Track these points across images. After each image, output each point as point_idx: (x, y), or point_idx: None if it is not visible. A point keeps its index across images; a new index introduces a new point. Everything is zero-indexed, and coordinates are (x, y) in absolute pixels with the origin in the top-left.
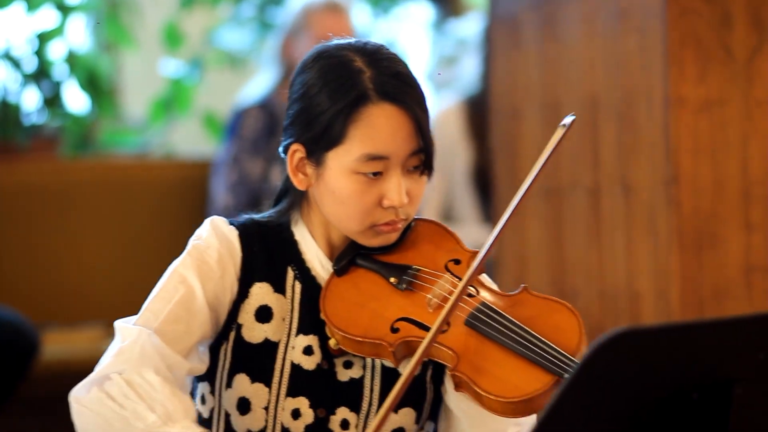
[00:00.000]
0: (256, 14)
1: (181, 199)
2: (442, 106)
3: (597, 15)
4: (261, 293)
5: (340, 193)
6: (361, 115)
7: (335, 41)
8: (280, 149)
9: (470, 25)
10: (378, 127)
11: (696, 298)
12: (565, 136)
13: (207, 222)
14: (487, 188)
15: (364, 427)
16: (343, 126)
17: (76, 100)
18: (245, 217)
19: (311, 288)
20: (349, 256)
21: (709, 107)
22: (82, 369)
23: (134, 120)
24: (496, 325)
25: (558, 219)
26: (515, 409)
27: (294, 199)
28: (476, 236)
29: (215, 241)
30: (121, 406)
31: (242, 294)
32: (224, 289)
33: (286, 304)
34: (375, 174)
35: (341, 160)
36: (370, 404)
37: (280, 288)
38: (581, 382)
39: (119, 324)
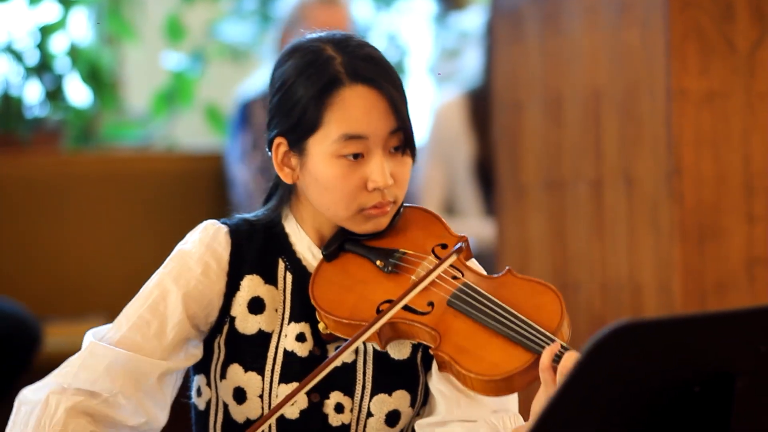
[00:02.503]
0: (257, 7)
1: (184, 192)
2: (444, 99)
3: (599, 8)
4: (252, 285)
5: (325, 179)
6: (334, 99)
7: (308, 35)
8: (266, 146)
9: (472, 18)
10: (352, 108)
11: (698, 290)
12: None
13: (198, 226)
14: (489, 181)
15: (359, 410)
16: (318, 111)
17: (78, 93)
18: (237, 217)
19: (302, 277)
20: (338, 242)
21: (711, 99)
22: None
23: (136, 113)
24: (477, 305)
25: (560, 211)
26: (496, 387)
27: (283, 195)
28: (478, 229)
29: (198, 240)
30: (26, 422)
31: (232, 287)
32: (210, 284)
33: (278, 295)
34: (356, 156)
35: (322, 146)
36: (363, 387)
37: (271, 280)
38: (583, 375)
39: (88, 333)
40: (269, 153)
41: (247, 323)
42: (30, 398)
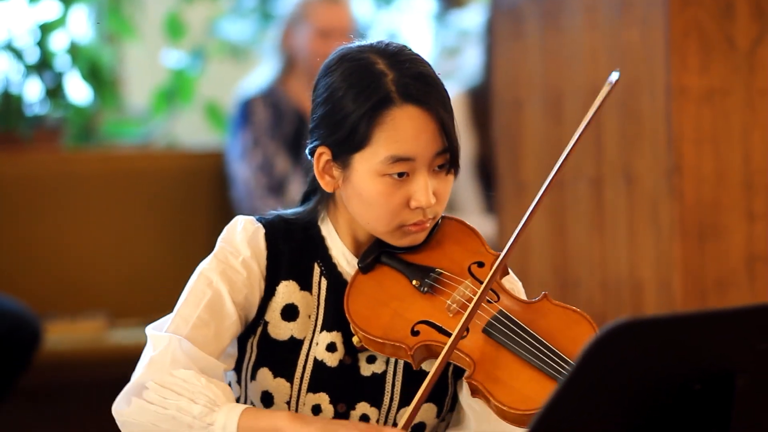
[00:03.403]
0: (257, 5)
1: (184, 190)
2: None
3: (599, 5)
4: (287, 292)
5: (368, 195)
6: (385, 118)
7: (357, 43)
8: (306, 151)
9: (472, 16)
10: (402, 129)
11: (698, 288)
12: (610, 94)
13: (234, 221)
14: (489, 179)
15: (385, 422)
16: (367, 129)
17: (78, 91)
18: (273, 213)
19: (337, 284)
20: (374, 254)
21: (711, 97)
22: (84, 359)
23: (136, 111)
24: (512, 335)
25: (561, 209)
26: (528, 420)
27: (321, 196)
28: (478, 227)
29: (240, 242)
30: (163, 408)
31: (269, 292)
32: (252, 288)
33: (312, 301)
34: (401, 175)
35: (367, 163)
36: (391, 399)
37: (306, 285)
38: (583, 373)
39: (150, 331)
40: (310, 157)
41: (280, 329)
42: (126, 409)
